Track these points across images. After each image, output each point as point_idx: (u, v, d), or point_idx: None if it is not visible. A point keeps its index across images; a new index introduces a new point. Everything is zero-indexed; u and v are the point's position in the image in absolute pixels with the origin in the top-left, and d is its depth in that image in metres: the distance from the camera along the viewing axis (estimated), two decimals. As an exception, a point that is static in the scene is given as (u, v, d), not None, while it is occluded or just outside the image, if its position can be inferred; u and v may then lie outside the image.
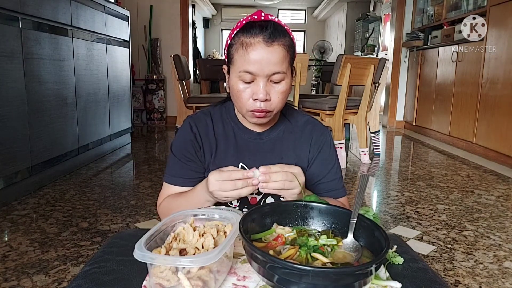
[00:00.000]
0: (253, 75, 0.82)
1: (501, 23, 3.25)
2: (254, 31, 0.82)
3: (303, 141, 0.97)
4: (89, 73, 2.97)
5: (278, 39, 0.83)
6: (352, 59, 2.98)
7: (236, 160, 0.94)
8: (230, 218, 0.67)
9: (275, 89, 0.84)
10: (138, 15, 5.08)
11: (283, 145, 0.96)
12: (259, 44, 0.81)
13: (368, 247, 0.64)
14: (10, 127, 2.07)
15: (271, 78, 0.83)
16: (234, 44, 0.85)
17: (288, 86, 0.86)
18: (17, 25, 2.11)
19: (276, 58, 0.82)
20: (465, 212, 2.13)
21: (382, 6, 6.47)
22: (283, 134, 0.97)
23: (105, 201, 2.20)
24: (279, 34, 0.83)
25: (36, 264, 1.48)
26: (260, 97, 0.82)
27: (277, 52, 0.82)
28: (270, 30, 0.82)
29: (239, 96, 0.85)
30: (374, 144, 3.60)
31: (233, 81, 0.86)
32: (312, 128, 0.98)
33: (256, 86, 0.83)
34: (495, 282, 1.43)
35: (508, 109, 3.10)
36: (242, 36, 0.83)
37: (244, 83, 0.84)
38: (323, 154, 0.97)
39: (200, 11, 9.23)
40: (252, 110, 0.85)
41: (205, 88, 4.23)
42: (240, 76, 0.83)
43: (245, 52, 0.82)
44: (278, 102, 0.85)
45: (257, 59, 0.81)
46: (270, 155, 0.94)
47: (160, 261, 0.54)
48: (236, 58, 0.84)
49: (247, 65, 0.82)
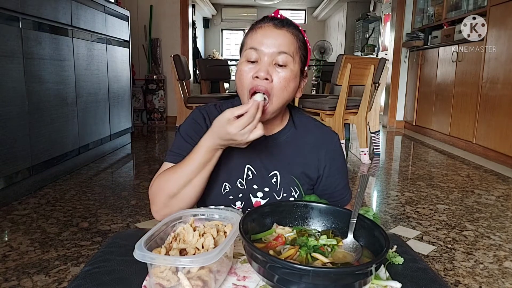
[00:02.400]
0: (258, 53, 0.81)
1: (501, 23, 3.25)
2: (266, 19, 0.85)
3: (312, 148, 0.93)
4: (89, 73, 2.97)
5: (289, 27, 0.84)
6: (352, 59, 2.98)
7: (243, 161, 0.91)
8: (230, 218, 0.67)
9: (278, 73, 0.82)
10: (138, 15, 5.08)
11: (291, 150, 0.93)
12: (268, 26, 0.84)
13: (368, 247, 0.64)
14: (10, 127, 2.07)
15: (275, 60, 0.81)
16: (246, 33, 0.87)
17: (293, 76, 0.83)
18: (17, 25, 2.11)
19: (283, 40, 0.82)
20: (465, 212, 2.13)
21: (382, 6, 6.47)
22: (291, 139, 0.93)
23: (106, 201, 2.20)
24: (291, 24, 0.85)
25: (36, 264, 1.48)
26: (260, 75, 0.80)
27: (285, 36, 0.83)
28: (283, 19, 0.84)
29: (241, 76, 0.83)
30: (374, 144, 3.60)
31: (239, 64, 0.85)
32: (322, 136, 0.95)
33: (259, 65, 0.81)
34: (495, 282, 1.43)
35: (508, 109, 3.10)
36: (255, 24, 0.86)
37: (248, 62, 0.82)
38: (335, 163, 0.95)
39: (200, 11, 9.23)
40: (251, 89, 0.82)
41: (205, 88, 4.23)
42: (246, 55, 0.83)
43: (253, 33, 0.84)
44: (279, 88, 0.82)
45: (264, 38, 0.82)
46: (277, 160, 0.92)
47: (160, 261, 0.54)
48: (245, 41, 0.86)
49: (253, 43, 0.82)
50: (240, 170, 0.91)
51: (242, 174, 0.91)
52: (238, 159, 0.91)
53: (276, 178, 0.91)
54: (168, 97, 5.24)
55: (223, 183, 0.90)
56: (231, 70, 5.05)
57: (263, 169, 0.91)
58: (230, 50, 10.94)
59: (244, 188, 0.91)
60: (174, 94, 4.10)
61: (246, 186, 0.91)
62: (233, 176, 0.90)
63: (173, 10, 5.13)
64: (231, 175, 0.90)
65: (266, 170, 0.91)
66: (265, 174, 0.91)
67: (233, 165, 0.90)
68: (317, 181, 0.94)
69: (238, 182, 0.90)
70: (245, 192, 0.91)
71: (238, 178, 0.91)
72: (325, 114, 3.11)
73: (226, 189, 0.90)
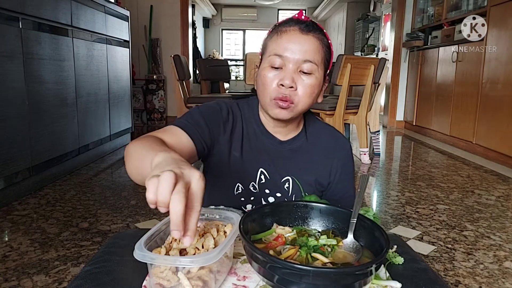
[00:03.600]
0: (283, 60, 0.79)
1: (501, 23, 3.25)
2: (292, 22, 0.82)
3: (325, 155, 0.93)
4: (89, 73, 2.97)
5: (314, 32, 0.81)
6: (352, 59, 2.98)
7: (256, 164, 0.90)
8: (230, 218, 0.67)
9: (303, 80, 0.80)
10: (138, 15, 5.08)
11: (303, 156, 0.92)
12: (294, 31, 0.80)
13: (368, 247, 0.64)
14: (10, 127, 2.07)
15: (300, 67, 0.80)
16: (269, 35, 0.84)
17: (317, 83, 0.82)
18: (17, 25, 2.11)
19: (309, 46, 0.80)
20: (465, 212, 2.13)
21: (382, 6, 6.46)
22: (305, 145, 0.92)
23: (106, 201, 2.20)
24: (316, 29, 0.82)
25: (36, 264, 1.48)
26: (286, 83, 0.78)
27: (311, 42, 0.80)
28: (308, 23, 0.81)
29: (265, 83, 0.81)
30: (374, 144, 3.60)
31: (262, 69, 0.83)
32: (335, 142, 0.95)
33: (284, 72, 0.79)
34: (495, 282, 1.43)
35: (508, 109, 3.09)
36: (279, 26, 0.83)
37: (272, 68, 0.80)
38: (346, 171, 0.94)
39: (200, 11, 9.23)
40: (276, 98, 0.80)
41: (205, 88, 4.23)
42: (270, 61, 0.81)
43: (278, 37, 0.81)
44: (303, 96, 0.80)
45: (289, 44, 0.79)
46: (289, 165, 0.90)
47: (160, 261, 0.54)
48: (269, 44, 0.83)
49: (278, 49, 0.80)
50: (253, 173, 0.90)
51: (255, 178, 0.90)
52: (252, 161, 0.89)
53: (288, 183, 0.90)
54: (168, 97, 5.24)
55: (236, 184, 0.89)
56: (231, 70, 5.05)
57: (276, 174, 0.90)
58: (230, 50, 10.94)
59: (257, 191, 0.90)
60: (174, 94, 4.10)
61: (258, 190, 0.90)
62: (246, 178, 0.89)
63: (173, 10, 5.13)
64: (244, 178, 0.89)
65: (279, 175, 0.90)
66: (277, 179, 0.90)
67: (247, 167, 0.89)
68: (328, 187, 0.94)
69: (251, 185, 0.90)
70: (257, 196, 0.90)
71: (251, 181, 0.90)
72: (325, 114, 3.11)
73: (239, 190, 0.89)
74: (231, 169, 0.89)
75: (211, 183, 0.94)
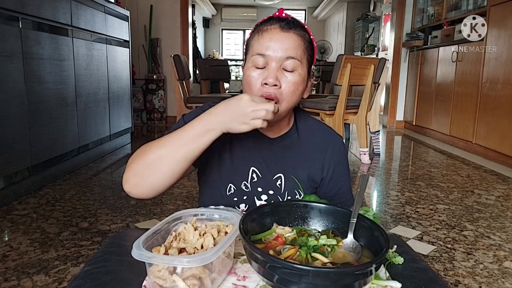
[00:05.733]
0: (265, 59, 0.80)
1: (501, 23, 3.25)
2: (272, 20, 0.83)
3: (316, 151, 0.93)
4: (89, 73, 2.97)
5: (295, 28, 0.82)
6: (352, 59, 2.98)
7: (247, 163, 0.90)
8: (230, 218, 0.67)
9: (287, 78, 0.80)
10: (138, 15, 5.08)
11: (295, 154, 0.92)
12: (274, 29, 0.81)
13: (368, 247, 0.64)
14: (10, 127, 2.07)
15: (283, 65, 0.80)
16: (251, 34, 0.85)
17: (301, 79, 0.82)
18: (17, 25, 2.11)
19: (290, 43, 0.80)
20: (465, 212, 2.13)
21: (382, 6, 6.47)
22: (296, 143, 0.93)
23: (105, 201, 2.20)
24: (297, 25, 0.83)
25: (36, 264, 1.48)
26: (269, 82, 0.78)
27: (292, 39, 0.81)
28: (289, 20, 0.82)
29: (250, 82, 0.81)
30: (374, 144, 3.60)
31: (246, 69, 0.83)
32: (326, 138, 0.95)
33: (267, 71, 0.80)
34: (495, 282, 1.43)
35: (508, 109, 3.10)
36: (260, 26, 0.84)
37: (256, 68, 0.81)
38: (339, 166, 0.94)
39: (200, 11, 9.23)
40: (261, 97, 0.79)
41: (205, 88, 4.23)
42: (253, 61, 0.81)
43: (260, 36, 0.82)
44: (288, 93, 0.81)
45: (270, 42, 0.80)
46: (281, 163, 0.91)
47: (156, 260, 0.54)
48: (251, 44, 0.84)
49: (260, 48, 0.81)
50: (244, 172, 0.90)
51: (246, 177, 0.90)
52: (243, 161, 0.90)
53: (280, 181, 0.90)
54: (168, 97, 5.24)
55: (228, 184, 0.90)
56: (231, 70, 5.05)
57: (267, 171, 0.90)
58: (230, 50, 10.95)
59: (249, 190, 0.90)
60: (174, 94, 4.10)
61: (251, 189, 0.90)
62: (238, 178, 0.90)
63: (173, 10, 5.13)
64: (235, 177, 0.90)
65: (270, 173, 0.90)
66: (269, 177, 0.90)
67: (237, 167, 0.90)
68: (321, 183, 0.94)
69: (242, 185, 0.90)
70: (249, 195, 0.90)
71: (243, 181, 0.90)
72: (325, 114, 3.11)
73: (231, 190, 0.90)
74: (222, 170, 0.89)
75: (203, 184, 0.95)
